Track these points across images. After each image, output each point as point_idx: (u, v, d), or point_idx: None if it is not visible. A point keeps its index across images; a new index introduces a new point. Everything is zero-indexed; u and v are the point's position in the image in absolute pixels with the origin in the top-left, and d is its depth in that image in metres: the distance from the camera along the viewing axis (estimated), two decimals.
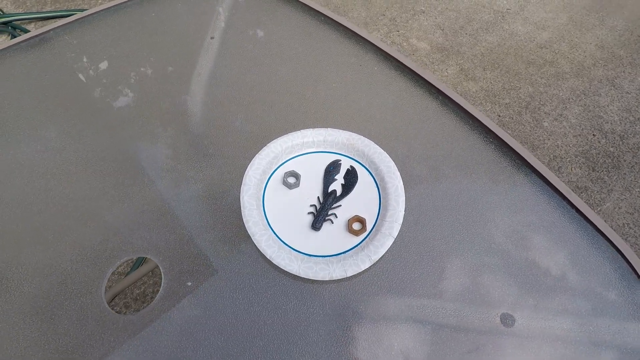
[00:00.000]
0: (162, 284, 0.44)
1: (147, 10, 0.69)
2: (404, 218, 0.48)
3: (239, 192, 0.49)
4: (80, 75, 0.59)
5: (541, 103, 1.53)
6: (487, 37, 1.78)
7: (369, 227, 0.47)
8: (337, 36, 0.66)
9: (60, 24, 0.63)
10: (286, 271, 0.44)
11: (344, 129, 0.54)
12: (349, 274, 0.43)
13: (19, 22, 1.68)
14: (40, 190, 0.49)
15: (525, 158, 0.53)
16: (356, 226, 0.47)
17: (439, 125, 0.57)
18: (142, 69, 0.61)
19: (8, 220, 0.47)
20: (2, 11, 1.73)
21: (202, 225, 0.48)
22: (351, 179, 0.50)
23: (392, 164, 0.50)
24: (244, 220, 0.45)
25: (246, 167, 0.50)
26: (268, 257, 0.44)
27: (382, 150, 0.51)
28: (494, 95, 1.55)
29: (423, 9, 1.94)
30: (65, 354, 0.40)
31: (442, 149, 0.55)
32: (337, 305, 0.43)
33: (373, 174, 0.50)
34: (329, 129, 0.53)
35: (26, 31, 1.66)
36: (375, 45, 0.64)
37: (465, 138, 0.56)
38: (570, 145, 1.42)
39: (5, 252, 0.45)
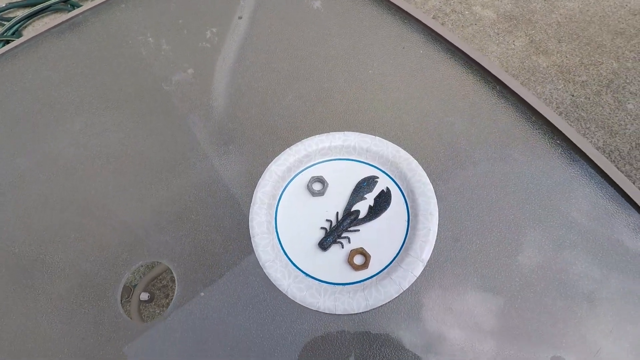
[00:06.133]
0: (175, 292, 0.42)
1: None
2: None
3: None
4: (104, 65, 0.57)
5: (627, 81, 1.31)
6: (566, 3, 1.55)
7: (377, 267, 0.40)
8: (378, 12, 0.58)
9: (89, 7, 0.61)
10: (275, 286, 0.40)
11: (378, 133, 0.47)
12: (338, 312, 0.38)
13: None
14: (64, 187, 0.48)
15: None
16: (358, 260, 0.40)
17: (491, 119, 0.48)
18: (164, 53, 0.58)
19: (35, 217, 0.47)
20: None
21: (219, 230, 0.45)
22: (382, 203, 0.42)
23: (434, 201, 0.41)
24: (249, 217, 0.41)
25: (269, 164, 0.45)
26: (261, 264, 0.40)
27: (428, 181, 0.42)
28: (568, 72, 1.36)
29: None
30: (80, 358, 0.40)
31: (493, 150, 0.46)
32: (343, 338, 0.39)
33: (409, 206, 0.42)
34: (376, 137, 0.45)
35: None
36: (423, 23, 0.55)
37: (524, 139, 0.47)
38: None
39: (32, 250, 0.45)
